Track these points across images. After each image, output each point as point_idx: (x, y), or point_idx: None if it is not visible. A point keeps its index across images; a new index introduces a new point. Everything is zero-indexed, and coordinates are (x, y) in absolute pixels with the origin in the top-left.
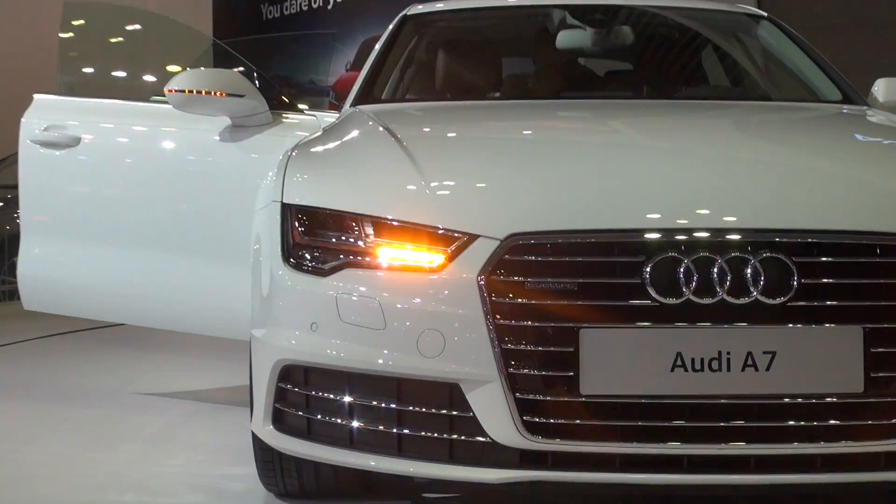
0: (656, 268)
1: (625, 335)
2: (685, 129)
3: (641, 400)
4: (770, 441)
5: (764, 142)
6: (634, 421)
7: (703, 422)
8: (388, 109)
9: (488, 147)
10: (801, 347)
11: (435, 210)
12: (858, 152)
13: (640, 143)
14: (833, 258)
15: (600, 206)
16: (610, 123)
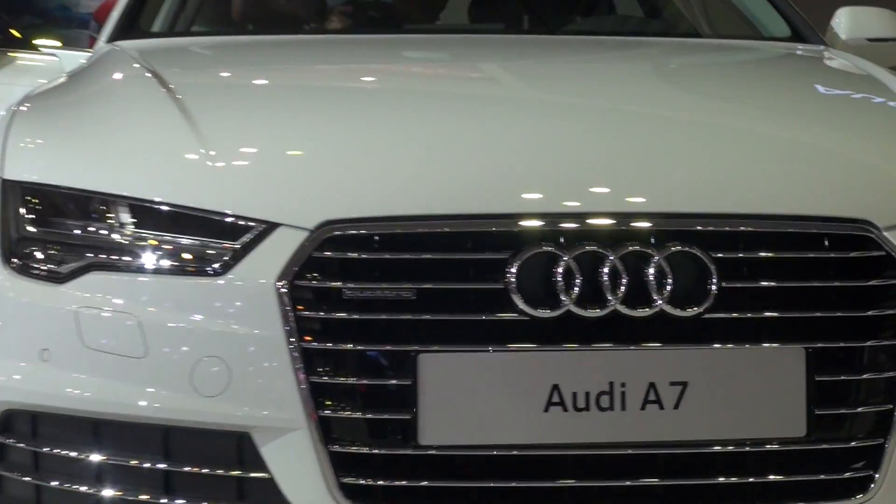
0: (525, 268)
1: (481, 362)
2: (576, 78)
3: (503, 452)
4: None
5: (682, 97)
6: (493, 481)
7: (587, 481)
8: (158, 47)
9: (297, 103)
10: (722, 376)
11: (219, 189)
12: (805, 113)
13: (512, 97)
14: (766, 253)
15: (450, 183)
16: (471, 69)
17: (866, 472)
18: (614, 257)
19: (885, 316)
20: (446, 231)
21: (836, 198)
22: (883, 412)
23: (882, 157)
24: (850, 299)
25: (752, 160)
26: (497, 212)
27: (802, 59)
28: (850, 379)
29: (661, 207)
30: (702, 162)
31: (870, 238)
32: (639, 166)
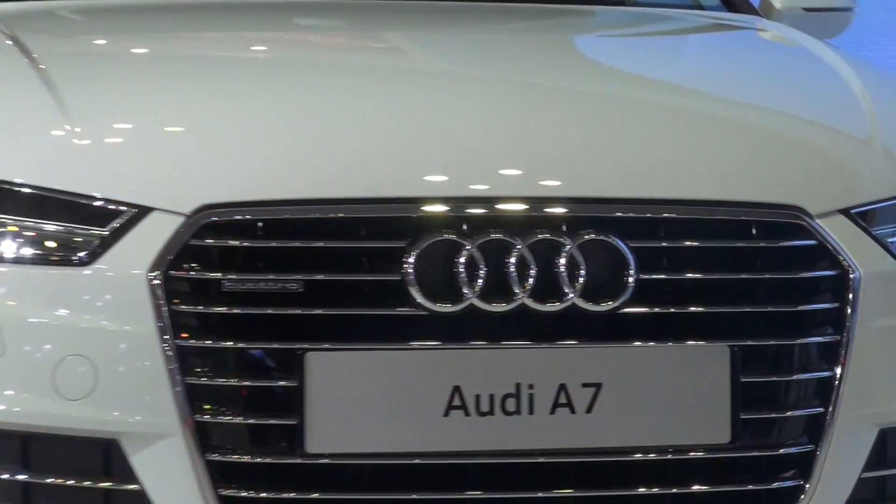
0: (425, 258)
1: (374, 362)
2: (488, 50)
3: (399, 460)
4: None
5: (602, 72)
6: (388, 493)
7: (492, 492)
8: (20, 11)
9: (175, 75)
10: (639, 377)
11: (86, 170)
12: (733, 90)
13: (416, 70)
14: (688, 242)
15: (344, 164)
16: (370, 38)
17: (796, 481)
18: (522, 246)
19: (816, 311)
20: (339, 217)
21: (765, 182)
22: (814, 416)
23: (815, 138)
24: (779, 293)
25: (676, 141)
26: (396, 195)
27: (733, 30)
28: (779, 380)
29: (576, 192)
30: (621, 143)
31: (801, 226)
32: (553, 147)
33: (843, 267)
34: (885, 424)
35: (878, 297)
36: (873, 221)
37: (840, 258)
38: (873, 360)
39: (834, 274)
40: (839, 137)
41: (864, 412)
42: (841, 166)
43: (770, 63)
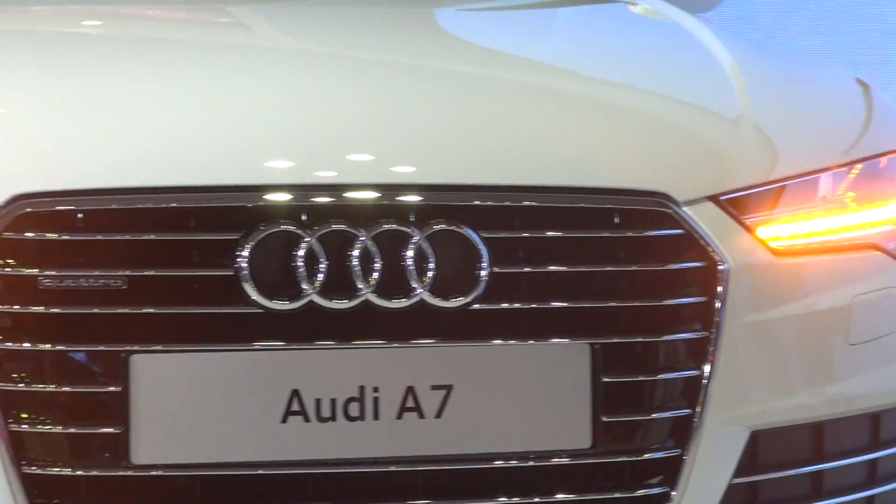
0: (259, 251)
1: (206, 364)
2: (338, 26)
3: (233, 471)
4: None
5: (458, 51)
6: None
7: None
8: None
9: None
10: (493, 378)
11: None
12: (598, 70)
13: (259, 47)
14: (545, 233)
15: (174, 148)
16: (212, 13)
17: (662, 488)
18: (366, 237)
19: (683, 305)
20: (170, 207)
21: (629, 167)
22: (681, 418)
23: (683, 120)
24: (643, 286)
25: (536, 125)
26: (232, 183)
27: (601, 3)
28: (643, 379)
29: (428, 178)
30: (479, 127)
31: (667, 214)
32: (406, 131)
33: (711, 258)
34: (756, 426)
35: (748, 289)
36: (744, 209)
37: (708, 249)
38: (743, 358)
39: (702, 265)
40: (708, 119)
41: (734, 413)
42: (710, 150)
43: (638, 39)
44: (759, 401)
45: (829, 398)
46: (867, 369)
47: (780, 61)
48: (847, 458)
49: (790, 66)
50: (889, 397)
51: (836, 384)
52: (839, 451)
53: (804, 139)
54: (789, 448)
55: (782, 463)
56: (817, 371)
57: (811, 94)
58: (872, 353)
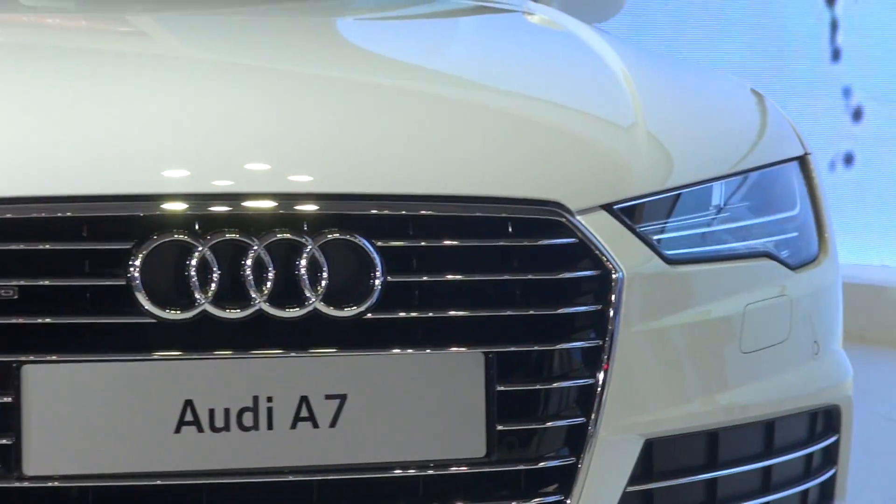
0: (152, 260)
1: (98, 374)
2: (238, 33)
3: (127, 482)
4: None
5: (354, 60)
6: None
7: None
8: None
9: None
10: (387, 388)
11: None
12: (492, 79)
13: (154, 53)
14: (440, 242)
15: (69, 157)
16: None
17: (557, 496)
18: (259, 247)
19: (577, 314)
20: (62, 216)
21: (523, 177)
22: (575, 426)
23: (577, 129)
24: (538, 295)
25: (432, 134)
26: (126, 192)
27: (498, 13)
28: (537, 388)
29: (323, 188)
30: (375, 136)
31: (561, 223)
32: (303, 141)
33: (605, 267)
34: (651, 434)
35: (642, 298)
36: (638, 218)
37: (602, 258)
38: (638, 366)
39: (596, 274)
40: (602, 129)
41: (628, 421)
42: (604, 159)
43: (533, 49)
44: (654, 409)
45: (723, 406)
46: (761, 377)
47: (674, 71)
48: (741, 466)
49: (685, 76)
50: (783, 405)
51: (730, 392)
52: (734, 458)
53: (698, 148)
54: (684, 456)
55: (677, 471)
56: (711, 379)
57: (705, 104)
58: (766, 361)
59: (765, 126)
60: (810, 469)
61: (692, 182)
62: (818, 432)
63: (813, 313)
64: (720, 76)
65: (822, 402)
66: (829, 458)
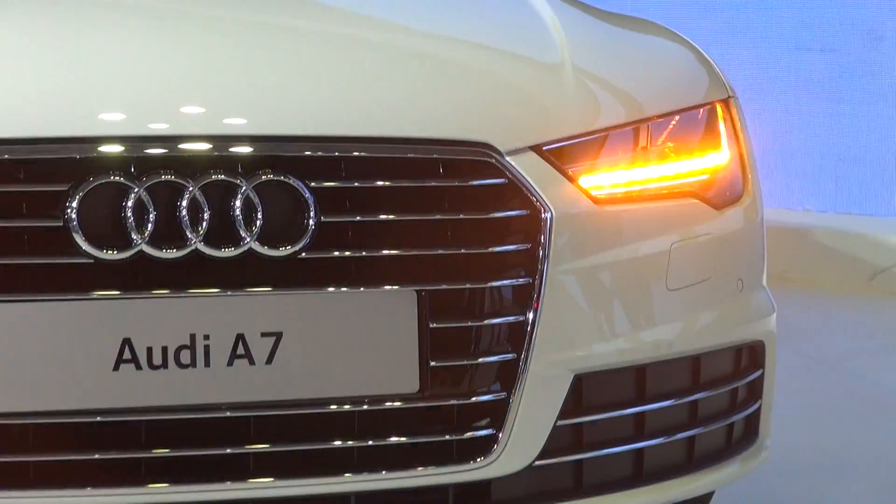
0: (88, 202)
1: (37, 313)
2: None
3: (67, 419)
4: (279, 476)
5: (293, 6)
6: (56, 454)
7: (171, 450)
8: None
9: None
10: (322, 325)
11: None
12: (427, 25)
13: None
14: (372, 182)
15: (6, 99)
16: None
17: (489, 430)
18: (194, 188)
19: (507, 252)
20: (2, 159)
21: (453, 119)
22: (507, 363)
23: (505, 72)
24: (468, 234)
25: (364, 78)
26: (62, 135)
27: None
28: (468, 325)
29: (257, 130)
30: (309, 80)
31: (490, 164)
32: (239, 84)
33: (534, 207)
34: (580, 370)
35: (571, 237)
36: (566, 159)
37: (531, 198)
38: (567, 303)
39: (525, 214)
40: (531, 72)
41: (558, 357)
42: (532, 102)
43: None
44: (583, 345)
45: (651, 342)
46: (687, 313)
47: (603, 19)
48: (669, 400)
49: (614, 24)
50: (708, 340)
51: (657, 328)
52: (661, 393)
53: (625, 91)
54: (613, 391)
55: (606, 405)
56: (639, 315)
57: (633, 49)
58: (692, 298)
59: (691, 70)
60: (735, 403)
61: (619, 123)
62: (743, 367)
63: (737, 252)
64: (649, 24)
65: (746, 337)
66: (754, 392)
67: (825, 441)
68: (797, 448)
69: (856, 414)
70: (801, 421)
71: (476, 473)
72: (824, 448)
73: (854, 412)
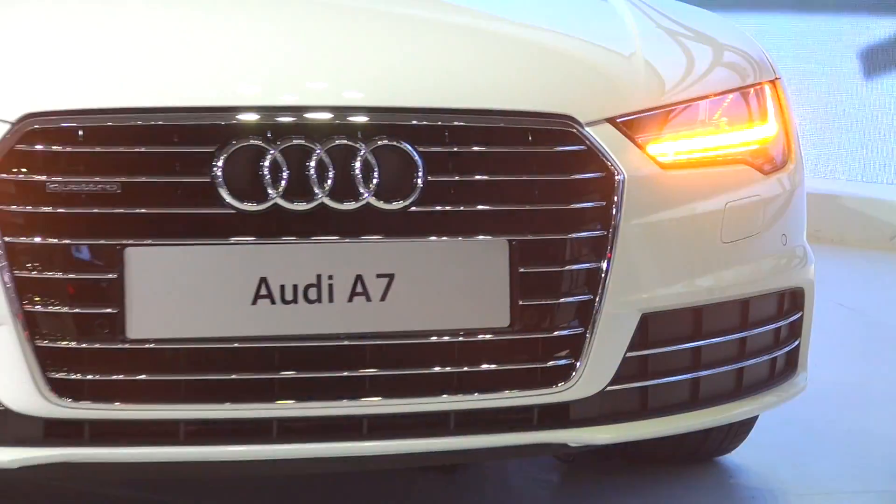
0: (232, 161)
1: (188, 256)
2: None
3: (212, 345)
4: (388, 396)
5: None
6: (202, 374)
7: (298, 371)
8: None
9: (15, 5)
10: (428, 268)
11: None
12: (518, 13)
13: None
14: (471, 148)
15: (161, 75)
16: None
17: (568, 360)
18: (321, 150)
19: (586, 209)
20: (157, 124)
21: (542, 94)
22: (584, 303)
23: (587, 56)
24: (553, 193)
25: (465, 58)
26: (208, 105)
27: None
28: (553, 270)
29: (373, 102)
30: (416, 58)
31: (572, 133)
32: (356, 62)
33: (609, 170)
34: (646, 310)
35: (640, 196)
36: (637, 129)
37: (606, 162)
38: (636, 253)
39: (601, 176)
40: (607, 55)
41: (627, 299)
42: (608, 81)
43: None
44: (649, 288)
45: (706, 287)
46: (738, 263)
47: (670, 10)
48: (721, 337)
49: (678, 14)
50: (756, 286)
51: (712, 275)
52: (715, 330)
53: (687, 73)
54: (674, 328)
55: (668, 340)
56: (696, 264)
57: (694, 37)
58: (742, 250)
59: (743, 55)
60: (778, 341)
61: (681, 101)
62: (785, 310)
63: (781, 211)
64: (706, 14)
65: (788, 284)
66: (794, 331)
67: (851, 376)
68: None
69: (878, 352)
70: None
71: (557, 396)
72: (850, 382)
73: (876, 351)
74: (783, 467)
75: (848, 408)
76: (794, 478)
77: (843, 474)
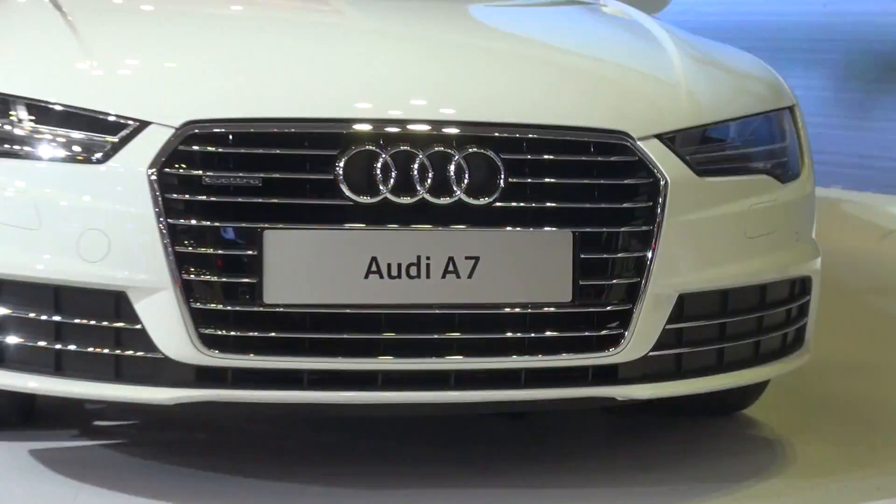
0: (351, 162)
1: (314, 238)
2: (403, 11)
3: (331, 310)
4: (471, 355)
5: (485, 31)
6: (323, 333)
7: (399, 333)
8: None
9: (168, 18)
10: (507, 253)
11: (100, 92)
12: (581, 46)
13: (349, 22)
14: (543, 156)
15: (294, 91)
16: (319, 2)
17: (618, 330)
18: (422, 155)
19: (636, 208)
20: (291, 131)
21: (602, 113)
22: (632, 284)
23: (638, 83)
24: (610, 194)
25: (538, 82)
26: (332, 116)
27: (582, 6)
28: (608, 257)
29: (464, 117)
30: (498, 82)
31: (626, 146)
32: (449, 85)
33: (655, 176)
34: (683, 291)
35: (679, 198)
36: (678, 144)
37: (654, 170)
38: (675, 245)
39: (649, 181)
40: (656, 84)
41: (667, 282)
42: (657, 103)
43: (609, 30)
44: (685, 273)
45: (733, 273)
46: (758, 255)
47: (706, 46)
48: (744, 315)
49: (712, 49)
50: (773, 273)
51: (738, 264)
52: (738, 309)
53: (720, 98)
54: (705, 306)
55: (700, 316)
56: (725, 255)
57: (725, 68)
58: (763, 244)
59: (766, 84)
60: (789, 319)
61: (716, 121)
62: (796, 294)
63: (794, 213)
64: (734, 50)
65: (799, 273)
66: (803, 312)
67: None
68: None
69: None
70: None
71: (608, 359)
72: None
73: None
74: (792, 418)
75: (843, 379)
76: (800, 426)
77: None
